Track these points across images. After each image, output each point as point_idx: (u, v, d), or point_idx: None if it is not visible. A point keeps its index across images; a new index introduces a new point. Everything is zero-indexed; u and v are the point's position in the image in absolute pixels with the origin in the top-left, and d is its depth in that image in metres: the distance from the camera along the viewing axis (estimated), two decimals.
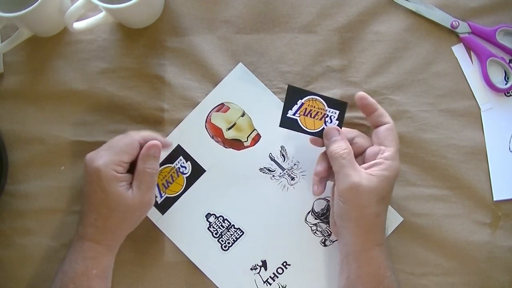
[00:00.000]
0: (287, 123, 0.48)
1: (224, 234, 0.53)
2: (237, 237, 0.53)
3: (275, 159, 0.54)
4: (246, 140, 0.54)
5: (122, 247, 0.53)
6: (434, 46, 0.55)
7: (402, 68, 0.55)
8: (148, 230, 0.54)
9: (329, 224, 0.52)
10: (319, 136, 0.49)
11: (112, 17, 0.54)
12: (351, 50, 0.56)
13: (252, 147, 0.54)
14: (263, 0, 0.56)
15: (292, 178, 0.53)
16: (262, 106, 0.55)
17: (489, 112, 0.55)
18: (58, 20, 0.54)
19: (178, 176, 0.53)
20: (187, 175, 0.53)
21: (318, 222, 0.53)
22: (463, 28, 0.55)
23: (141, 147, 0.48)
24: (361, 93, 0.49)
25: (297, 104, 0.48)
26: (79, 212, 0.51)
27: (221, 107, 0.54)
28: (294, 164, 0.54)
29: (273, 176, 0.53)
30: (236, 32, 0.56)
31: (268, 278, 0.52)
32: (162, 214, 0.53)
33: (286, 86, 0.51)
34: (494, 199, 0.53)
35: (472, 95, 0.55)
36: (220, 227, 0.53)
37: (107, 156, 0.47)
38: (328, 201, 0.53)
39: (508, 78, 0.55)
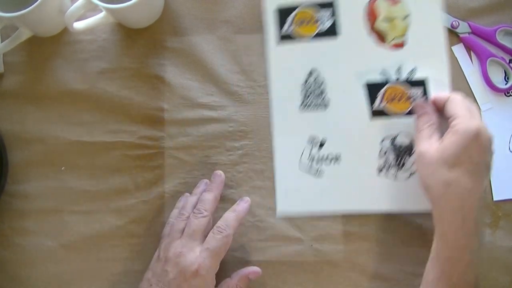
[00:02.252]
0: (377, 113, 0.51)
1: (311, 95, 0.53)
2: (318, 105, 0.53)
3: (401, 73, 0.53)
4: (389, 40, 0.53)
5: (121, 247, 0.54)
6: None
7: None
8: (148, 229, 0.54)
9: (397, 159, 0.52)
10: (408, 114, 0.51)
11: (112, 17, 0.54)
12: None
13: (388, 50, 0.54)
14: (263, 0, 0.56)
15: None
16: (425, 30, 0.53)
17: (489, 112, 0.55)
18: (58, 20, 0.54)
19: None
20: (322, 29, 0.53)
21: (391, 150, 0.52)
22: (463, 28, 0.55)
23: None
24: (417, 103, 0.49)
25: (377, 96, 0.51)
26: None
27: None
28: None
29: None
30: (236, 32, 0.56)
31: (315, 157, 0.53)
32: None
33: None
34: (494, 199, 0.53)
35: (472, 95, 0.55)
36: (314, 87, 0.53)
37: (207, 258, 0.45)
38: (410, 137, 0.52)
39: (508, 78, 0.55)
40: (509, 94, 0.55)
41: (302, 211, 0.53)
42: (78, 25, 0.53)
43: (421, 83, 0.48)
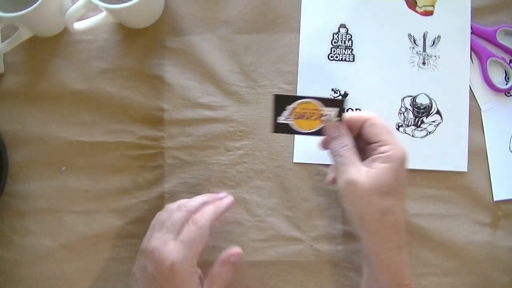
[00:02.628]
0: (280, 128, 0.46)
1: (339, 47, 0.55)
2: (345, 58, 0.55)
3: (426, 39, 0.55)
4: (420, 6, 0.55)
5: (121, 247, 0.54)
6: None
7: None
8: (148, 229, 0.53)
9: (415, 118, 0.54)
10: (319, 134, 0.46)
11: (112, 17, 0.54)
12: None
13: (419, 14, 0.55)
14: (263, 0, 0.56)
15: (424, 63, 0.54)
16: (453, 4, 0.55)
17: (489, 112, 0.55)
18: (58, 20, 0.54)
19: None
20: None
21: (410, 110, 0.54)
22: None
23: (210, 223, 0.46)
24: (331, 124, 0.45)
25: (285, 109, 0.45)
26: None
27: None
28: (434, 56, 0.54)
29: (413, 48, 0.55)
30: (236, 32, 0.56)
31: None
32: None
33: (286, 86, 0.51)
34: (494, 199, 0.53)
35: (472, 95, 0.55)
36: (344, 39, 0.55)
37: (181, 251, 0.43)
38: (430, 99, 0.54)
39: (508, 78, 0.55)
40: (509, 94, 0.55)
41: (317, 161, 0.54)
42: (78, 25, 0.53)
43: (337, 103, 0.44)
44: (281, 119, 0.46)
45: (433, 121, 0.54)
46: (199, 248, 0.45)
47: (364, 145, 0.45)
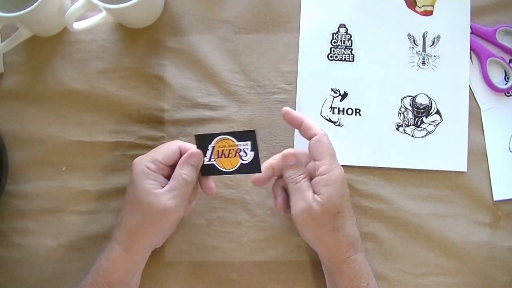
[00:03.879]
0: (206, 170, 0.47)
1: (339, 47, 0.55)
2: (344, 58, 0.55)
3: (426, 39, 0.55)
4: (419, 6, 0.55)
5: None
6: None
7: None
8: None
9: (415, 118, 0.54)
10: (238, 173, 0.46)
11: (112, 17, 0.54)
12: None
13: (418, 14, 0.55)
14: (263, 0, 0.56)
15: (423, 63, 0.55)
16: (453, 4, 0.56)
17: (489, 112, 0.55)
18: (58, 20, 0.54)
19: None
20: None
21: (409, 110, 0.54)
22: None
23: (181, 155, 0.47)
24: (284, 109, 0.48)
25: (208, 149, 0.47)
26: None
27: None
28: (434, 56, 0.55)
29: (413, 48, 0.55)
30: (236, 32, 0.56)
31: (336, 107, 0.54)
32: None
33: (286, 86, 0.51)
34: (494, 199, 0.53)
35: (472, 95, 0.55)
36: (343, 38, 0.55)
37: (146, 154, 0.47)
38: (430, 99, 0.54)
39: (508, 78, 0.55)
40: (509, 94, 0.55)
41: None
42: (78, 25, 0.53)
43: (248, 136, 0.45)
44: (207, 160, 0.47)
45: (433, 121, 0.54)
46: (160, 155, 0.46)
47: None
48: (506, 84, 0.55)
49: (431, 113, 0.54)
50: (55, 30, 0.57)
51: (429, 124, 0.54)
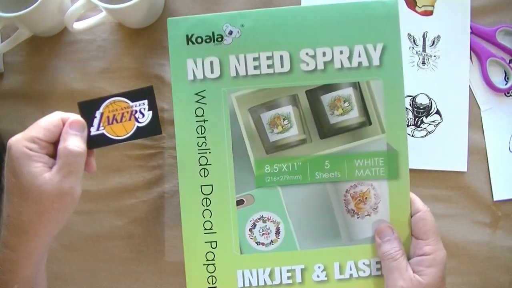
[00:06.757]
0: (95, 142, 0.41)
1: None
2: None
3: (426, 39, 0.55)
4: (420, 6, 0.55)
5: (121, 247, 0.54)
6: None
7: None
8: (148, 229, 0.54)
9: (415, 118, 0.54)
10: (135, 138, 0.42)
11: (112, 17, 0.54)
12: None
13: (418, 14, 0.55)
14: (263, 0, 0.56)
15: (423, 63, 0.55)
16: (453, 3, 0.56)
17: (489, 112, 0.55)
18: (58, 20, 0.54)
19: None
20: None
21: (409, 110, 0.54)
22: None
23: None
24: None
25: (96, 117, 0.41)
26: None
27: None
28: (434, 56, 0.55)
29: (413, 48, 0.55)
30: None
31: None
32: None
33: None
34: (494, 199, 0.53)
35: (472, 95, 0.55)
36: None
37: (21, 133, 0.40)
38: (430, 99, 0.54)
39: (508, 78, 0.55)
40: (509, 94, 0.55)
41: None
42: (78, 25, 0.53)
43: (144, 93, 0.40)
44: (94, 130, 0.41)
45: (433, 121, 0.54)
46: (41, 132, 0.40)
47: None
48: (506, 84, 0.55)
49: (431, 113, 0.54)
50: (55, 30, 0.57)
51: (429, 124, 0.54)
